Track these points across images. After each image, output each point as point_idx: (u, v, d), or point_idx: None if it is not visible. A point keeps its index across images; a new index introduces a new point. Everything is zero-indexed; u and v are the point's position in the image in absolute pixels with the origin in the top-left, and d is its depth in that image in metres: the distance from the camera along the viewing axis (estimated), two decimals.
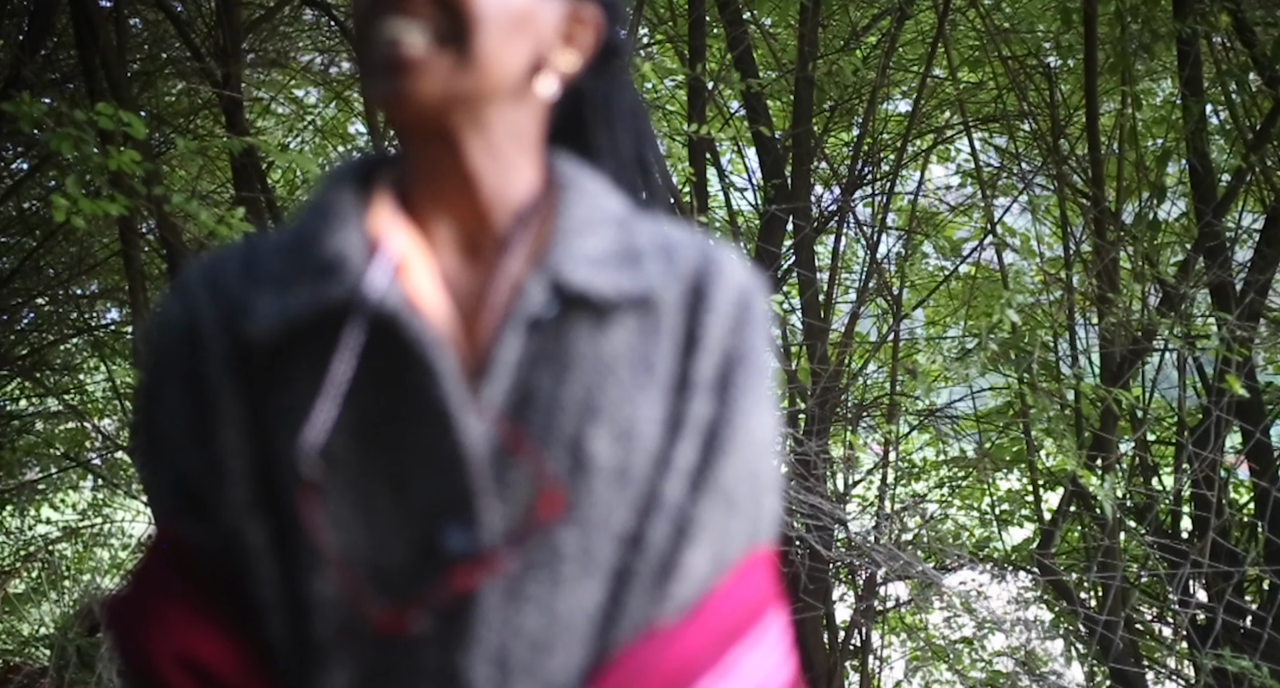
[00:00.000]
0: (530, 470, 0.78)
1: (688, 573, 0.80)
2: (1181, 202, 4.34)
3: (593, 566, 0.79)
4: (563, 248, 0.81)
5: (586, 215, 0.84)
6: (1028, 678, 3.97)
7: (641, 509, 0.80)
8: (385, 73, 0.78)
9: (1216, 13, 3.50)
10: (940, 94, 4.62)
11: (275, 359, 0.81)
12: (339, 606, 0.79)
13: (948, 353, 4.95)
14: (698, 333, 0.83)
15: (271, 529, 0.81)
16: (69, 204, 2.35)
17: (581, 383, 0.79)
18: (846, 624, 4.17)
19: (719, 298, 0.84)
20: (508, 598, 0.78)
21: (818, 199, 4.58)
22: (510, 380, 0.79)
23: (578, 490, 0.78)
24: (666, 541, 0.80)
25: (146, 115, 3.92)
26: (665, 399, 0.81)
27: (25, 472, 5.60)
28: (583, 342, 0.80)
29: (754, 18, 4.43)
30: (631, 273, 0.82)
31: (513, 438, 0.78)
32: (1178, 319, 3.45)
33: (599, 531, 0.79)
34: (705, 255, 0.85)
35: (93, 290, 5.45)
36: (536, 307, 0.79)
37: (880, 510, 4.07)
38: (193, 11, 4.26)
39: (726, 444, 0.82)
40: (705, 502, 0.81)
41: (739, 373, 0.83)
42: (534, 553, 0.78)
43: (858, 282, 4.63)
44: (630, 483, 0.80)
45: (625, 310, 0.82)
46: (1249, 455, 3.70)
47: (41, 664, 5.04)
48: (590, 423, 0.79)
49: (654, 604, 0.80)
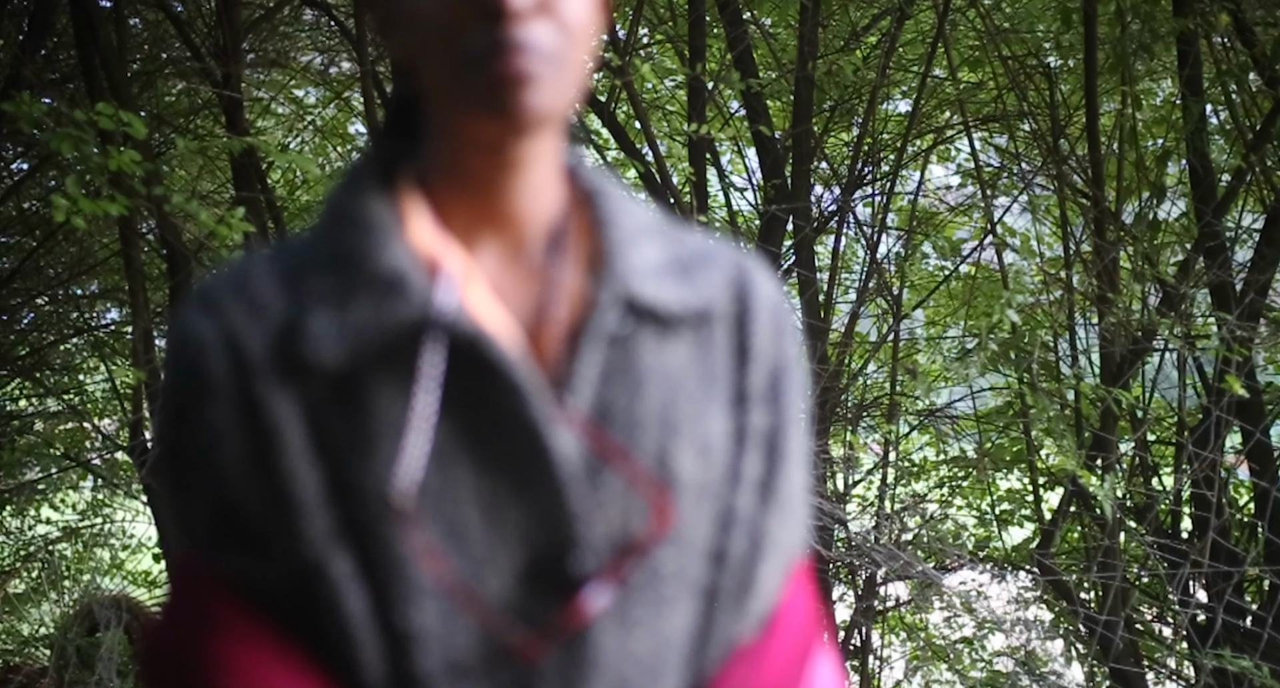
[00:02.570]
0: (630, 482, 0.76)
1: (763, 587, 0.80)
2: (1181, 202, 4.34)
3: (688, 584, 0.78)
4: (623, 260, 0.78)
5: (634, 225, 0.81)
6: (1028, 678, 3.97)
7: (722, 525, 0.79)
8: (503, 86, 0.72)
9: (1216, 13, 3.50)
10: (940, 94, 4.62)
11: (341, 383, 0.75)
12: (441, 636, 0.75)
13: (948, 353, 4.95)
14: (747, 344, 0.82)
15: (356, 561, 0.75)
16: (69, 204, 2.36)
17: (657, 398, 0.78)
18: (846, 624, 4.17)
19: (760, 308, 0.83)
20: (620, 622, 0.76)
21: (818, 199, 4.58)
22: (591, 397, 0.77)
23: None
24: (745, 555, 0.80)
25: (146, 115, 3.92)
26: (729, 412, 0.81)
27: (25, 472, 5.59)
28: (650, 356, 0.79)
29: (754, 18, 4.43)
30: (688, 285, 0.80)
31: (605, 449, 0.76)
32: (1178, 319, 3.45)
33: (691, 548, 0.78)
34: (740, 265, 0.84)
35: (93, 290, 5.44)
36: (614, 322, 0.77)
37: (880, 511, 4.07)
38: (193, 11, 4.26)
39: (785, 454, 0.82)
40: (772, 513, 0.81)
41: (785, 382, 0.83)
42: (637, 574, 0.76)
43: (858, 282, 4.63)
44: (710, 498, 0.79)
45: (686, 323, 0.80)
46: (1249, 455, 3.70)
47: (41, 664, 5.05)
48: (672, 438, 0.77)
49: (737, 621, 0.79)
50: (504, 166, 0.77)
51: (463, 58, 0.72)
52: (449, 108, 0.76)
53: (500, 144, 0.76)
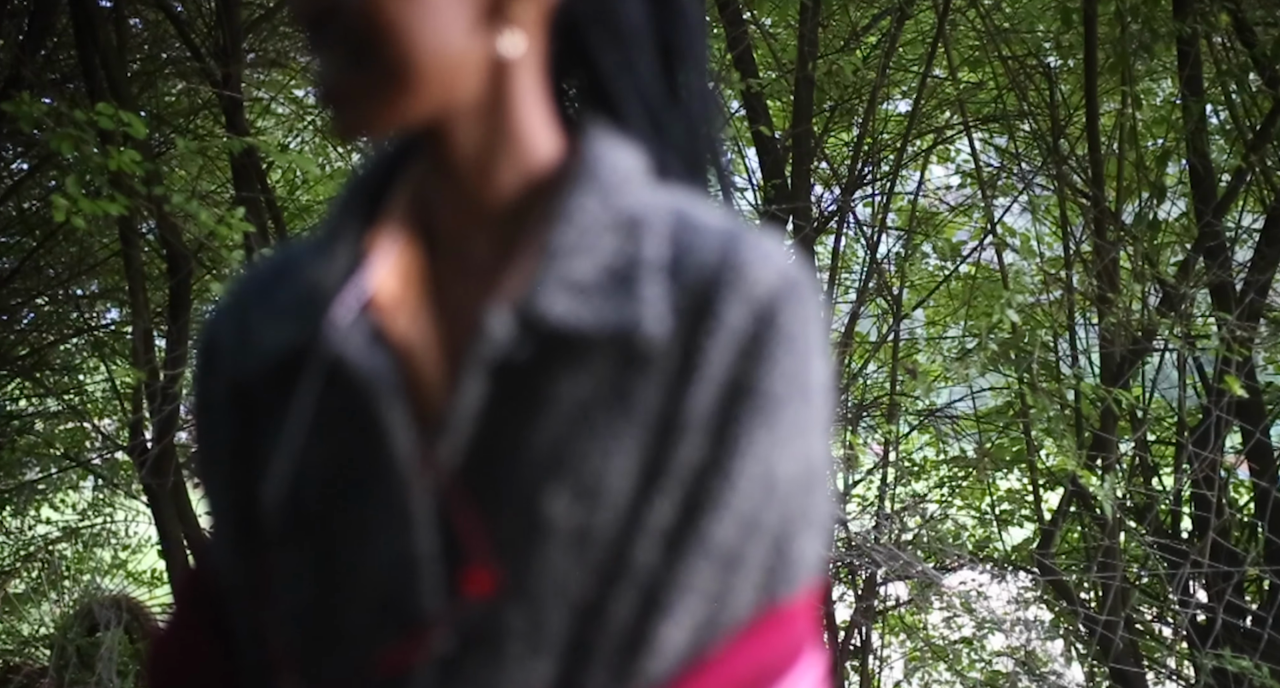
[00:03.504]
0: (465, 542, 0.68)
1: (660, 646, 0.67)
2: (1181, 202, 4.34)
3: (544, 642, 0.67)
4: (547, 272, 0.68)
5: (590, 222, 0.70)
6: (1028, 678, 3.97)
7: (605, 577, 0.67)
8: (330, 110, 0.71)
9: (1216, 13, 3.51)
10: (940, 94, 4.62)
11: (268, 394, 0.74)
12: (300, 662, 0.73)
13: (948, 353, 4.95)
14: (696, 360, 0.68)
15: (244, 576, 0.76)
16: (69, 204, 2.36)
17: (548, 433, 0.67)
18: (846, 624, 4.17)
19: (729, 316, 0.68)
20: (442, 679, 0.68)
21: (818, 199, 4.58)
22: (470, 433, 0.68)
23: (530, 558, 0.67)
24: (631, 611, 0.67)
25: (146, 115, 3.92)
26: (644, 445, 0.68)
27: (25, 472, 5.59)
28: (558, 384, 0.68)
29: (754, 18, 4.43)
30: (621, 300, 0.68)
31: (455, 502, 0.68)
32: (1178, 319, 3.45)
33: (553, 602, 0.67)
34: (724, 259, 0.69)
35: (93, 290, 5.44)
36: (499, 347, 0.68)
37: (880, 510, 4.07)
38: (193, 11, 4.26)
39: (718, 496, 0.67)
40: (687, 564, 0.67)
41: (744, 407, 0.68)
42: (473, 630, 0.68)
43: (858, 282, 4.63)
44: (592, 547, 0.67)
45: (609, 345, 0.68)
46: (1249, 455, 3.70)
47: (41, 664, 5.05)
48: (549, 480, 0.67)
49: (620, 681, 0.67)
50: (436, 159, 0.74)
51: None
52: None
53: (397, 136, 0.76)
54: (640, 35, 0.76)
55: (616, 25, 0.75)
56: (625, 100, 0.76)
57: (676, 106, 0.78)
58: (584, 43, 0.75)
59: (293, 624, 0.73)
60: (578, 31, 0.75)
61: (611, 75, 0.76)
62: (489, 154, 0.73)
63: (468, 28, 0.69)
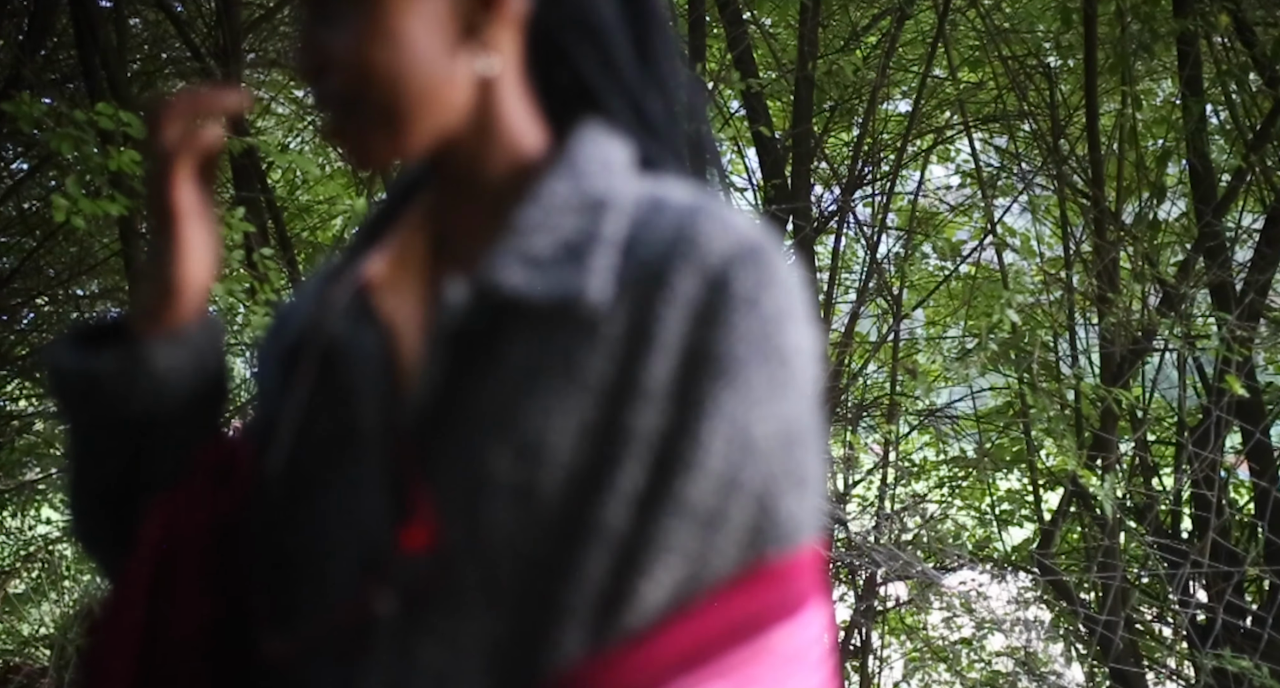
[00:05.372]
0: (408, 498, 0.73)
1: (639, 603, 0.70)
2: (1181, 202, 4.34)
3: (502, 596, 0.71)
4: (507, 247, 0.74)
5: (556, 203, 0.75)
6: (1027, 678, 3.97)
7: (568, 535, 0.70)
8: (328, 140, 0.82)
9: (1216, 13, 3.51)
10: (940, 94, 4.62)
11: (287, 368, 0.84)
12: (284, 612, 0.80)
13: (948, 353, 4.95)
14: (650, 331, 0.71)
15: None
16: (69, 204, 2.36)
17: (495, 396, 0.72)
18: (846, 624, 4.17)
19: (680, 286, 0.71)
20: (406, 629, 0.73)
21: (818, 199, 4.58)
22: (430, 397, 0.74)
23: (478, 513, 0.71)
24: (605, 570, 0.70)
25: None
26: (597, 410, 0.71)
27: (25, 472, 5.60)
28: (512, 351, 0.73)
29: (754, 18, 4.43)
30: (569, 271, 0.73)
31: (405, 461, 0.74)
32: (1178, 319, 3.45)
33: (505, 557, 0.71)
34: (679, 233, 0.73)
35: (93, 290, 5.45)
36: (455, 316, 0.74)
37: (880, 511, 4.07)
38: (193, 11, 4.26)
39: (688, 457, 0.70)
40: (662, 524, 0.70)
41: (705, 372, 0.71)
42: (425, 584, 0.73)
43: (858, 282, 4.63)
44: (540, 504, 0.71)
45: (557, 314, 0.72)
46: (1249, 455, 3.70)
47: (41, 664, 5.05)
48: (493, 439, 0.71)
49: (599, 635, 0.70)
50: (438, 173, 0.83)
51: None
52: None
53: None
54: (615, 33, 0.81)
55: (591, 26, 0.80)
56: (608, 96, 0.81)
57: (659, 99, 0.82)
58: (563, 45, 0.80)
59: (267, 582, 0.80)
60: (555, 34, 0.80)
61: (593, 73, 0.81)
62: (481, 159, 0.80)
63: (447, 59, 0.76)
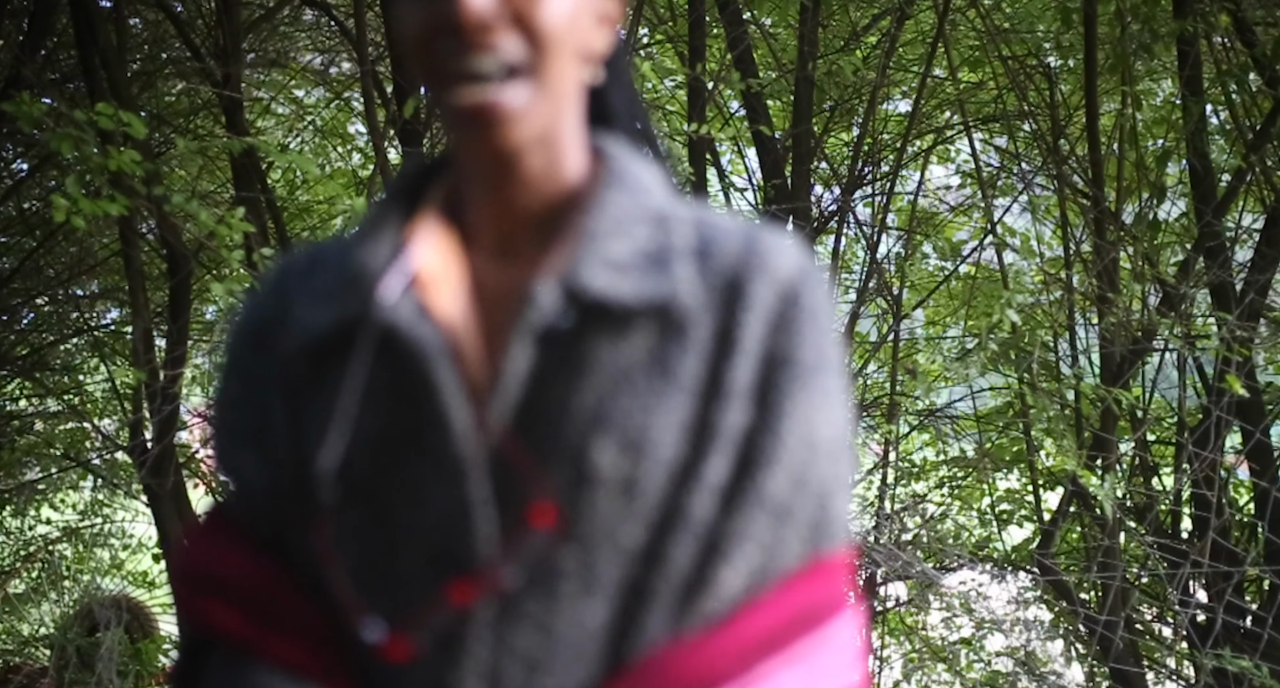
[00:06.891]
0: (525, 482, 0.76)
1: (720, 589, 0.76)
2: (1181, 202, 4.34)
3: (596, 582, 0.76)
4: (587, 252, 0.78)
5: (623, 214, 0.80)
6: (1027, 678, 3.97)
7: (659, 525, 0.76)
8: (473, 124, 0.77)
9: (1216, 13, 3.51)
10: (940, 94, 4.62)
11: (311, 369, 0.82)
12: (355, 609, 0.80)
13: (948, 353, 4.95)
14: (734, 335, 0.78)
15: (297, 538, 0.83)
16: (69, 204, 2.36)
17: (593, 392, 0.76)
18: None
19: (758, 295, 0.78)
20: (502, 615, 0.76)
21: (818, 199, 4.58)
22: (520, 392, 0.77)
23: (580, 504, 0.75)
24: (691, 558, 0.76)
25: (146, 115, 3.92)
26: (691, 408, 0.77)
27: (25, 472, 5.59)
28: (600, 350, 0.77)
29: (754, 18, 4.42)
30: (657, 277, 0.78)
31: (512, 450, 0.76)
32: (1178, 319, 3.45)
33: (603, 546, 0.76)
34: (748, 248, 0.80)
35: (93, 290, 5.44)
36: (546, 316, 0.77)
37: (880, 511, 4.07)
38: (193, 11, 4.26)
39: (770, 453, 0.77)
40: (744, 515, 0.76)
41: (784, 375, 0.78)
42: (532, 569, 0.76)
43: (858, 282, 4.63)
44: (640, 496, 0.76)
45: (647, 316, 0.77)
46: (1249, 455, 3.70)
47: (41, 664, 5.05)
48: (596, 433, 0.75)
49: (680, 620, 0.76)
50: (497, 165, 0.81)
51: (438, 78, 0.77)
52: (443, 118, 0.81)
53: (486, 154, 0.81)
54: (624, 64, 0.90)
55: (618, 74, 0.89)
56: (622, 118, 0.89)
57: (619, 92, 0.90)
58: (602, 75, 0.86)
59: (354, 575, 0.80)
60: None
61: (615, 98, 0.89)
62: (549, 161, 0.82)
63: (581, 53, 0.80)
